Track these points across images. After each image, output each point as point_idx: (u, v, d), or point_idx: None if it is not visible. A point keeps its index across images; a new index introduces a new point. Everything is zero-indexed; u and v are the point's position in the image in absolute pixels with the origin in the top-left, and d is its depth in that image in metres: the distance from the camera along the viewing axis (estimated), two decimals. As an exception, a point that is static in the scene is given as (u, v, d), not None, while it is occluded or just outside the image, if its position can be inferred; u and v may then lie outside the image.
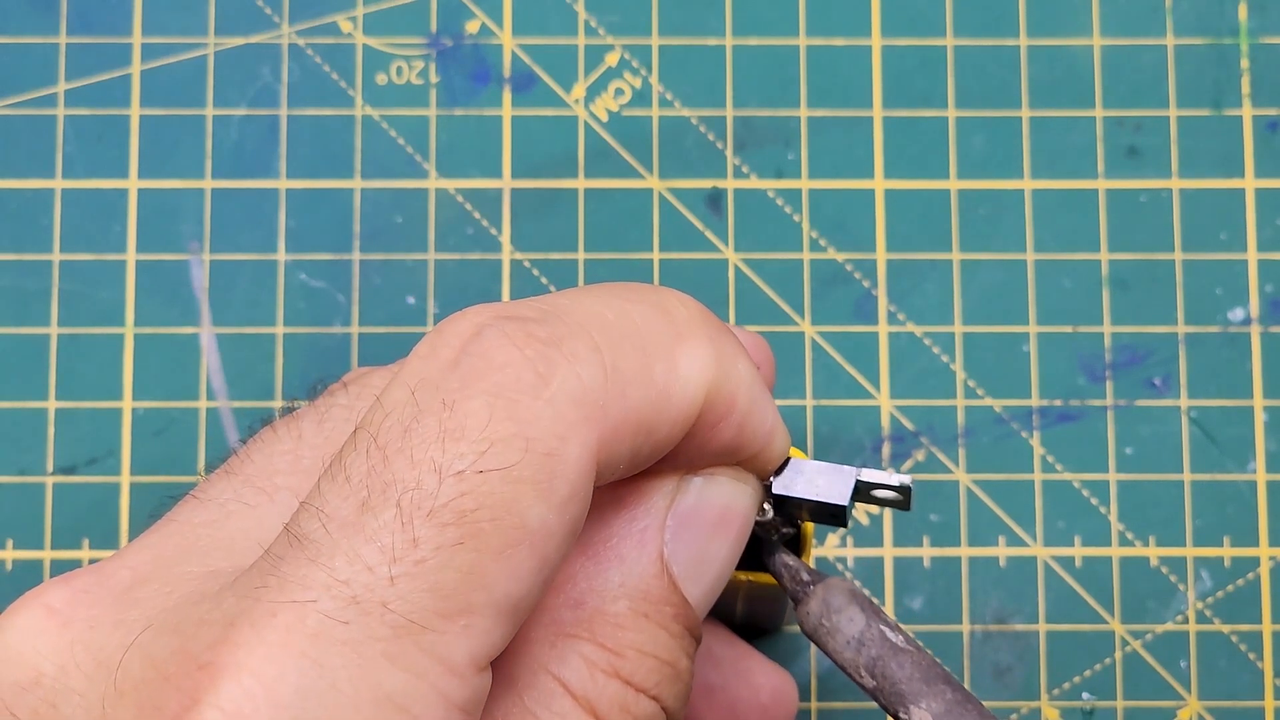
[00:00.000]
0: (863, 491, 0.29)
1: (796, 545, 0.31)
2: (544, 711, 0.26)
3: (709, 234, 0.39)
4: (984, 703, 0.37)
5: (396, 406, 0.25)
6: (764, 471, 0.29)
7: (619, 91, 0.40)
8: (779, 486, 0.29)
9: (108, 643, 0.25)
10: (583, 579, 0.27)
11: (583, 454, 0.26)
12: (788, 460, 0.29)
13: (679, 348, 0.28)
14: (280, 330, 0.39)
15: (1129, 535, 0.38)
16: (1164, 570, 0.38)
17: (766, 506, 0.30)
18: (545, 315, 0.27)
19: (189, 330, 0.39)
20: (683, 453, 0.28)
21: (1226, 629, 0.38)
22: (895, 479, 0.29)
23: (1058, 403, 0.38)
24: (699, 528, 0.28)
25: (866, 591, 0.33)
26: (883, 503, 0.30)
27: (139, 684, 0.24)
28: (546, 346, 0.26)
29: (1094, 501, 0.38)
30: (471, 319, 0.26)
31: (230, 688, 0.24)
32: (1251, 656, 0.37)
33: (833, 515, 0.30)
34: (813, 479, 0.29)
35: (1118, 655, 0.37)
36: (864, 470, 0.29)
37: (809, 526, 0.31)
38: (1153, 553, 0.38)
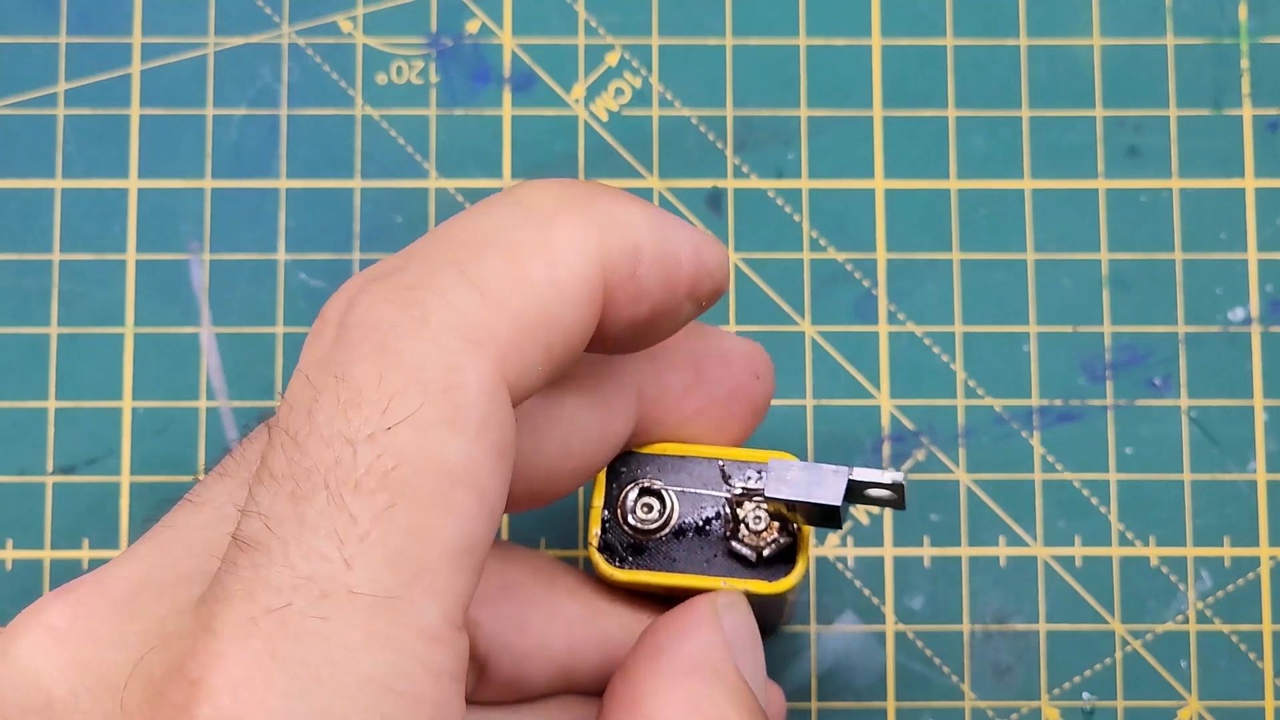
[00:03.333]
0: (856, 492, 0.29)
1: (793, 551, 0.31)
2: None
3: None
4: (984, 703, 0.37)
5: (297, 395, 0.26)
6: (716, 294, 0.29)
7: (619, 91, 0.40)
8: (770, 489, 0.29)
9: (110, 660, 0.26)
10: (656, 686, 0.29)
11: (482, 378, 0.26)
12: (778, 462, 0.30)
13: (551, 234, 0.27)
14: (280, 330, 0.39)
15: (1129, 535, 0.38)
16: (1164, 570, 0.38)
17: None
18: (408, 261, 0.27)
19: (189, 330, 0.39)
20: (631, 325, 0.28)
21: (1227, 629, 0.38)
22: (888, 476, 0.29)
23: (1058, 402, 0.38)
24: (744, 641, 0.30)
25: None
26: (878, 502, 0.30)
27: (141, 704, 0.25)
28: (414, 290, 0.26)
29: (1094, 501, 0.38)
30: (344, 292, 0.27)
31: (224, 701, 0.24)
32: (1252, 656, 0.37)
33: (827, 517, 0.30)
34: (804, 481, 0.29)
35: (1118, 655, 0.37)
36: (856, 470, 0.29)
37: (806, 530, 0.31)
38: (1153, 552, 0.38)
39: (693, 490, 0.31)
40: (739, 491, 0.31)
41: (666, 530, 0.31)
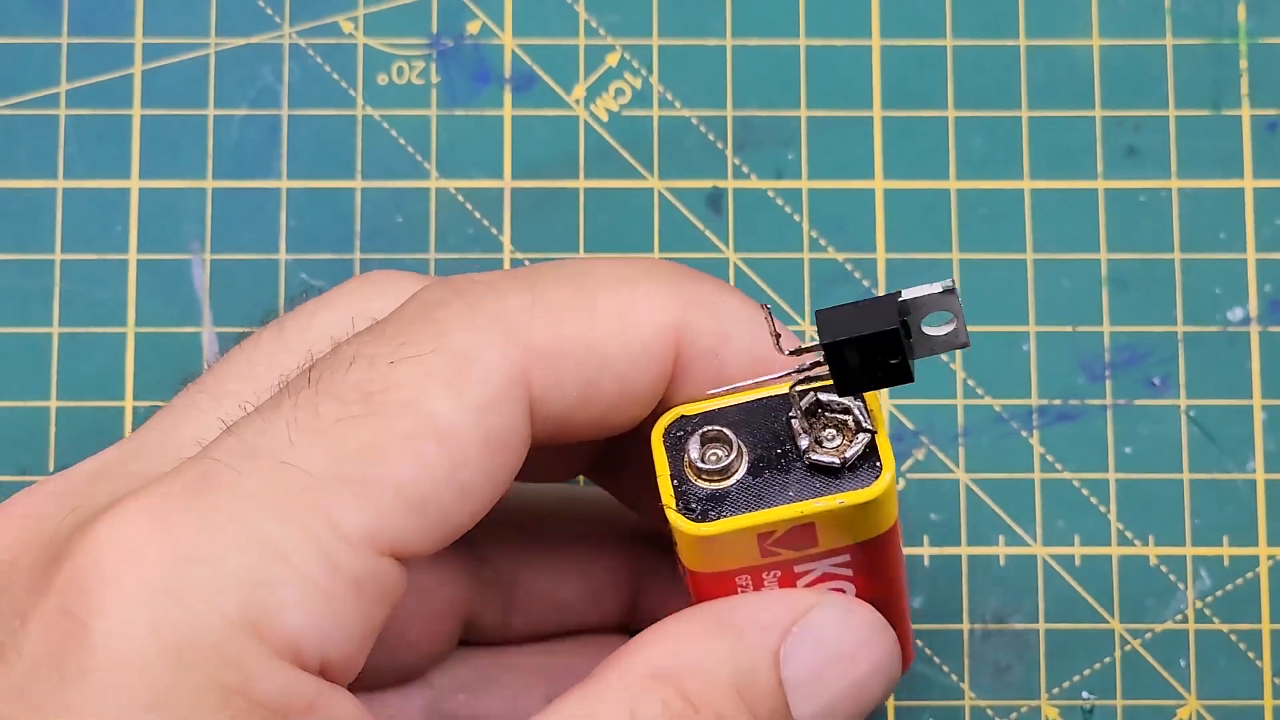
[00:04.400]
0: (912, 322, 0.27)
1: (874, 453, 0.28)
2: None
3: (709, 234, 0.39)
4: (983, 702, 0.37)
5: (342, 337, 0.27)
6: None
7: (619, 92, 0.40)
8: (824, 335, 0.27)
9: (48, 529, 0.26)
10: (695, 639, 0.27)
11: (501, 364, 0.26)
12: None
13: (633, 284, 0.28)
14: (281, 330, 0.39)
15: (1128, 534, 0.38)
16: (1163, 569, 0.38)
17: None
18: (491, 274, 0.28)
19: (190, 330, 0.39)
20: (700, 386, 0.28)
21: (1226, 628, 0.38)
22: (937, 285, 0.27)
23: (1057, 402, 0.38)
24: (825, 648, 0.28)
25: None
26: (943, 345, 0.27)
27: (47, 546, 0.25)
28: (477, 285, 0.27)
29: (1093, 501, 0.38)
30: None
31: (122, 523, 0.25)
32: (1251, 655, 0.37)
33: (891, 358, 0.26)
34: (854, 316, 0.27)
35: (1117, 654, 0.38)
36: (905, 291, 0.27)
37: (882, 427, 0.28)
38: (1152, 552, 0.38)
39: (755, 425, 0.28)
40: (801, 378, 0.28)
41: (741, 471, 0.28)
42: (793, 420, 0.28)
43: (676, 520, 0.28)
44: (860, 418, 0.28)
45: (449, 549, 0.27)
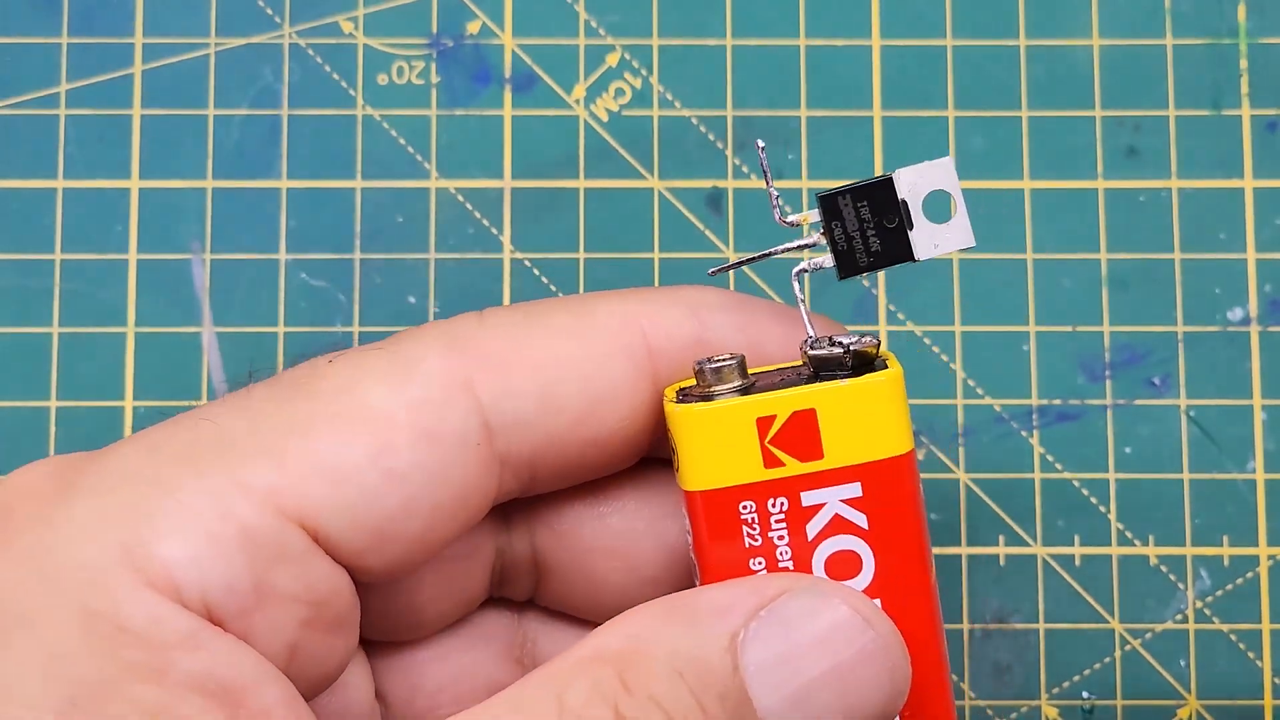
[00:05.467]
0: (913, 206, 0.26)
1: (872, 359, 0.27)
2: (528, 705, 0.25)
3: (709, 234, 0.39)
4: (984, 701, 0.37)
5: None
6: None
7: (619, 92, 0.40)
8: (823, 203, 0.26)
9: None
10: (647, 623, 0.26)
11: (441, 366, 0.27)
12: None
13: (590, 300, 0.29)
14: (281, 330, 0.39)
15: (1128, 534, 0.38)
16: (1163, 569, 0.38)
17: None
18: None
19: (190, 330, 0.39)
20: None
21: (1225, 628, 0.38)
22: (935, 162, 0.26)
23: (1057, 402, 0.38)
24: (794, 633, 0.26)
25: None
26: (943, 237, 0.27)
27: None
28: (441, 322, 0.29)
29: (1093, 500, 0.38)
30: None
31: (35, 466, 0.27)
32: (1250, 655, 0.37)
33: (882, 213, 0.26)
34: (849, 187, 0.26)
35: (1117, 654, 0.38)
36: (901, 170, 0.27)
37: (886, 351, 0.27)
38: (1152, 551, 0.38)
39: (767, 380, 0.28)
40: (799, 246, 0.27)
41: (746, 380, 0.27)
42: (800, 302, 0.28)
43: (674, 410, 0.27)
44: (867, 336, 0.27)
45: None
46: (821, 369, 0.27)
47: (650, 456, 0.30)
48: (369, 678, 0.30)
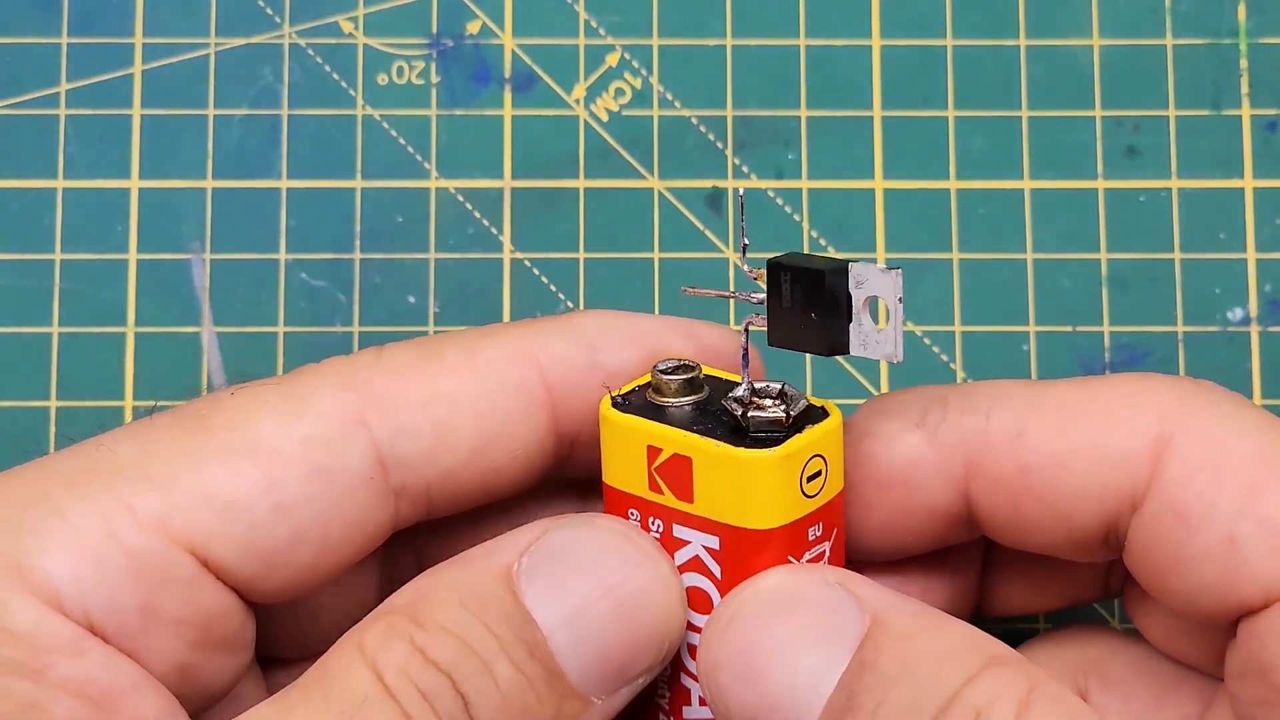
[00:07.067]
0: (857, 304, 0.26)
1: (780, 433, 0.27)
2: (333, 663, 0.26)
3: (709, 234, 0.39)
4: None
5: None
6: None
7: (619, 91, 0.40)
8: (770, 265, 0.27)
9: None
10: (430, 577, 0.28)
11: (335, 404, 0.28)
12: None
13: (483, 335, 0.30)
14: (281, 329, 0.39)
15: (1128, 534, 0.38)
16: (1163, 569, 0.38)
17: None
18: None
19: (190, 330, 0.39)
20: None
21: (1226, 628, 0.38)
22: (886, 271, 0.26)
23: (1057, 402, 0.38)
24: (563, 557, 0.28)
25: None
26: (873, 341, 0.27)
27: None
28: (343, 359, 0.30)
29: (1093, 501, 0.38)
30: None
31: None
32: (1251, 655, 0.37)
33: (822, 301, 0.26)
34: (801, 259, 0.27)
35: (1117, 654, 0.37)
36: (853, 264, 0.27)
37: (834, 422, 0.28)
38: (1152, 552, 0.38)
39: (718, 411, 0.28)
40: (757, 301, 0.28)
41: (687, 402, 0.28)
42: (744, 350, 0.28)
43: (604, 404, 0.28)
44: (803, 402, 0.28)
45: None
46: (755, 429, 0.28)
47: (554, 478, 0.31)
48: (264, 691, 0.31)
